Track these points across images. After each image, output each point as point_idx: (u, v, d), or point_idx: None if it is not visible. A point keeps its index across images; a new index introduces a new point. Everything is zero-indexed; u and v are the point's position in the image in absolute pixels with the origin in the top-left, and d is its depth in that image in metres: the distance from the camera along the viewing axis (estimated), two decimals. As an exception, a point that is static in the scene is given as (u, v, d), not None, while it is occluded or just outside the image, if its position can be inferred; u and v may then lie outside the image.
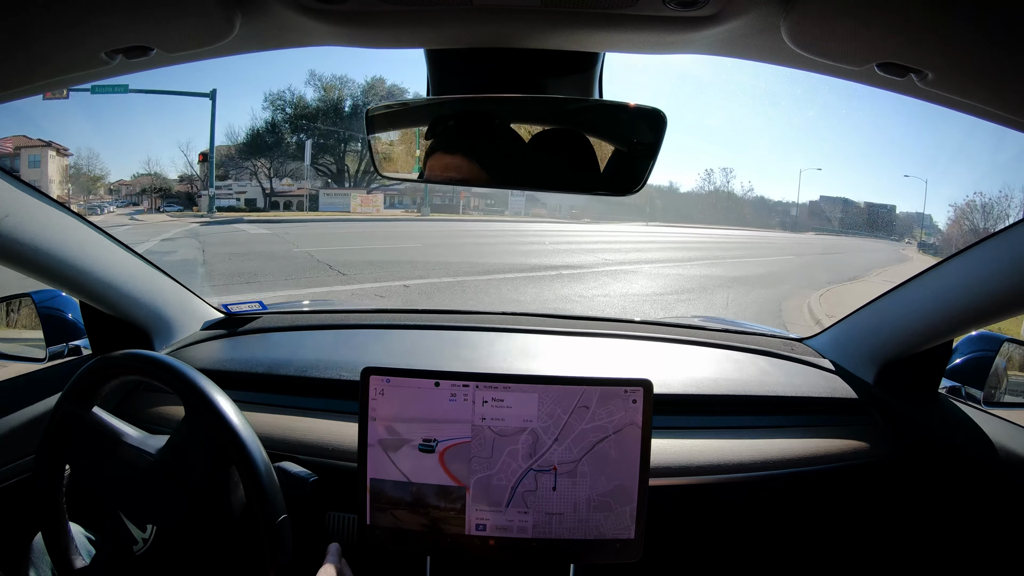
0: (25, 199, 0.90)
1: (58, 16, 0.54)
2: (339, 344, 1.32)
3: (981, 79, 0.57)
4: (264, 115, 24.83)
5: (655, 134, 0.76)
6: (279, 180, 23.93)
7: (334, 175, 25.12)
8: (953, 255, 0.97)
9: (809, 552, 1.10)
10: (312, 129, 24.26)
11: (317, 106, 24.69)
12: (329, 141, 24.94)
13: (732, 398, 1.12)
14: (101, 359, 0.85)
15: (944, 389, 1.16)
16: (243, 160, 23.84)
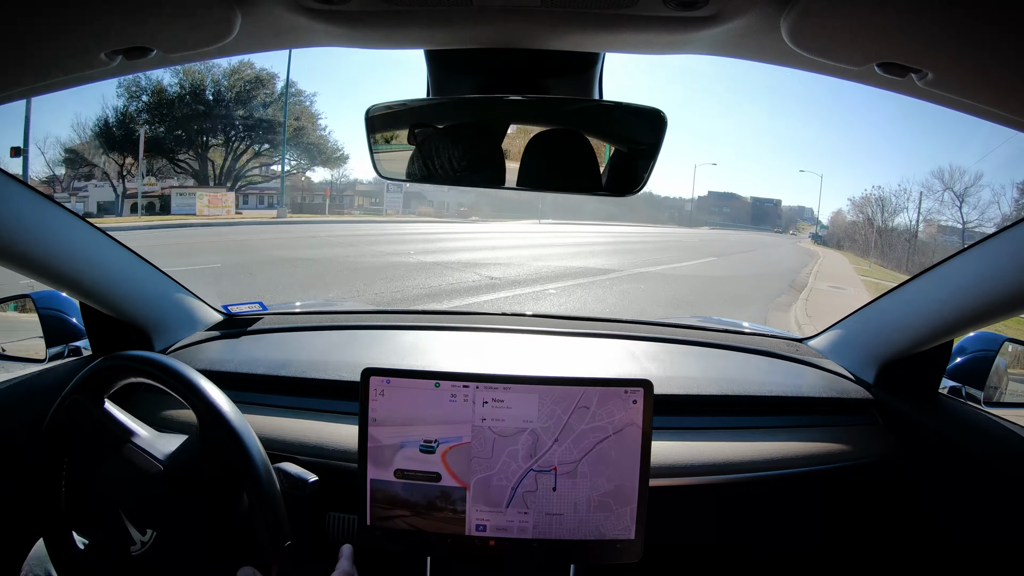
0: (25, 199, 0.90)
1: (58, 17, 0.54)
2: (339, 345, 1.32)
3: (981, 79, 0.57)
4: (118, 103, 19.53)
5: (655, 134, 0.76)
6: (150, 180, 19.51)
7: (195, 172, 20.86)
8: (953, 255, 0.97)
9: (809, 552, 1.10)
10: (169, 119, 19.80)
11: (177, 92, 19.97)
12: (190, 133, 20.31)
13: (732, 398, 1.12)
14: (118, 357, 0.83)
15: (944, 389, 1.16)
16: (97, 156, 19.15)
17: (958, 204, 28.96)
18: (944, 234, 30.37)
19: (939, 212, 30.09)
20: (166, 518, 0.79)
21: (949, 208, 30.49)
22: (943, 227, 30.12)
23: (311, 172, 24.85)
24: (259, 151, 22.23)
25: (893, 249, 30.75)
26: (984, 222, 28.78)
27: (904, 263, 27.79)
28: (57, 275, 1.03)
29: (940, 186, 28.85)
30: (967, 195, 28.38)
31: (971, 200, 28.50)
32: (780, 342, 1.37)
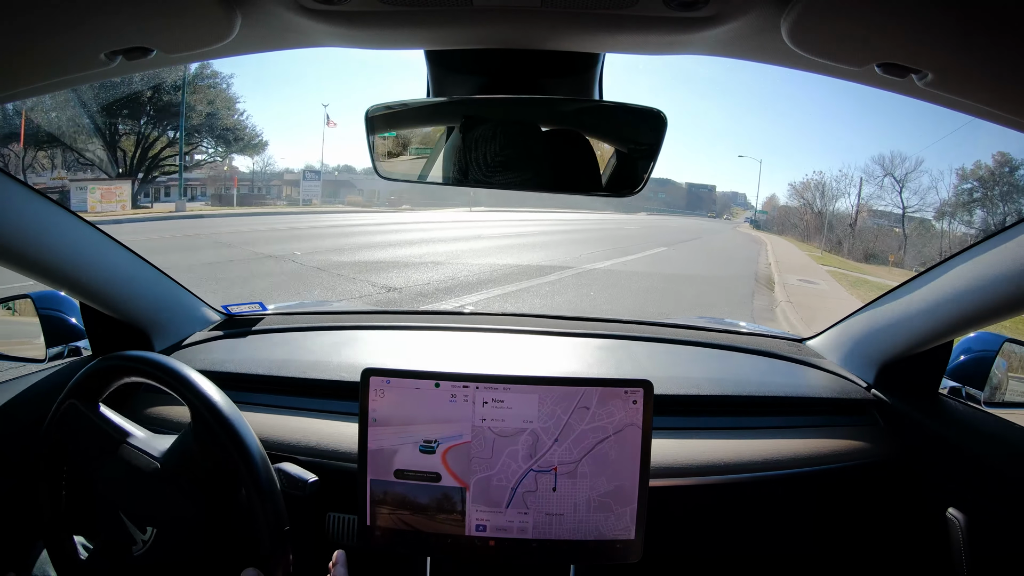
0: (25, 199, 0.90)
1: (58, 17, 0.54)
2: (339, 345, 1.32)
3: (981, 79, 0.57)
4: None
5: (655, 134, 0.76)
6: (60, 173, 17.16)
7: (105, 163, 18.34)
8: (953, 255, 0.97)
9: (809, 552, 1.10)
10: (70, 104, 16.78)
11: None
12: (95, 119, 17.63)
13: (732, 399, 1.12)
14: (113, 358, 0.84)
15: (944, 390, 1.16)
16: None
17: (898, 189, 29.52)
18: (878, 218, 30.77)
19: (879, 197, 30.52)
20: (165, 514, 0.79)
21: (889, 193, 31.09)
22: (884, 213, 30.44)
23: (237, 160, 22.70)
24: (173, 139, 19.91)
25: (834, 233, 30.88)
26: (924, 207, 29.59)
27: (846, 247, 28.23)
28: (57, 275, 1.03)
29: (881, 171, 29.45)
30: (908, 180, 29.09)
31: (911, 185, 29.24)
32: (780, 342, 1.37)
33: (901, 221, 29.50)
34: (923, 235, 29.30)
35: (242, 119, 21.70)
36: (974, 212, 27.73)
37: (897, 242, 29.49)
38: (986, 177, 27.42)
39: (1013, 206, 26.47)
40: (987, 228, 26.96)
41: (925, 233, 29.19)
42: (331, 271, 7.72)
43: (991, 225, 26.77)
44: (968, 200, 27.80)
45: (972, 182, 27.80)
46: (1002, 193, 27.06)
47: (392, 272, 7.80)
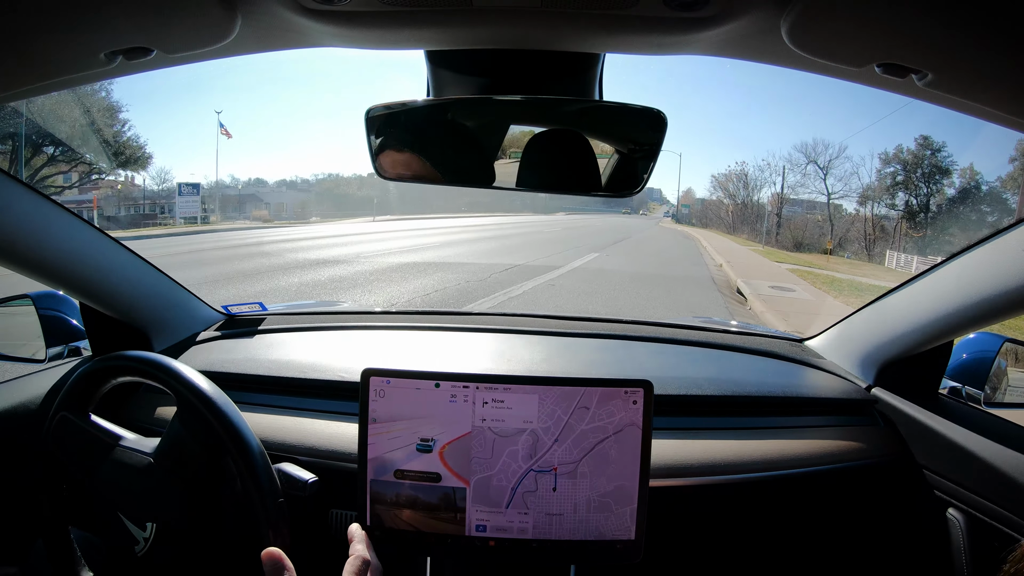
0: (25, 199, 0.90)
1: (58, 17, 0.54)
2: (339, 345, 1.32)
3: (981, 79, 0.57)
4: None
5: (655, 135, 0.76)
6: None
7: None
8: (953, 255, 0.97)
9: (809, 553, 1.10)
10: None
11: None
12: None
13: (732, 399, 1.12)
14: (94, 363, 0.86)
15: (944, 390, 1.16)
16: None
17: (823, 176, 30.69)
18: (794, 206, 31.44)
19: (803, 185, 31.76)
20: (161, 508, 0.80)
21: (813, 180, 33.13)
22: (807, 202, 31.29)
23: (140, 176, 20.19)
24: (55, 155, 17.64)
25: (762, 223, 31.03)
26: (849, 192, 30.71)
27: (775, 237, 28.10)
28: (57, 275, 1.03)
29: (804, 159, 30.65)
30: (831, 167, 30.32)
31: (835, 172, 30.81)
32: (780, 342, 1.37)
33: (827, 207, 30.18)
34: (849, 221, 30.15)
35: (123, 130, 19.58)
36: (896, 195, 28.86)
37: (824, 229, 30.18)
38: (908, 160, 28.73)
39: (935, 186, 28.72)
40: (911, 208, 28.23)
41: (848, 218, 30.10)
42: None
43: (915, 206, 28.03)
44: (891, 183, 29.08)
45: (894, 165, 29.12)
46: (924, 174, 28.34)
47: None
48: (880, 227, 29.24)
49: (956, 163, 28.55)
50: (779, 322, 7.06)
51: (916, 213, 28.41)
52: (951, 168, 28.11)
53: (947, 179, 28.23)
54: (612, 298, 7.51)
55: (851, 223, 30.14)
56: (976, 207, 27.51)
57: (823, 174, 30.31)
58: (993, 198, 27.57)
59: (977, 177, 27.80)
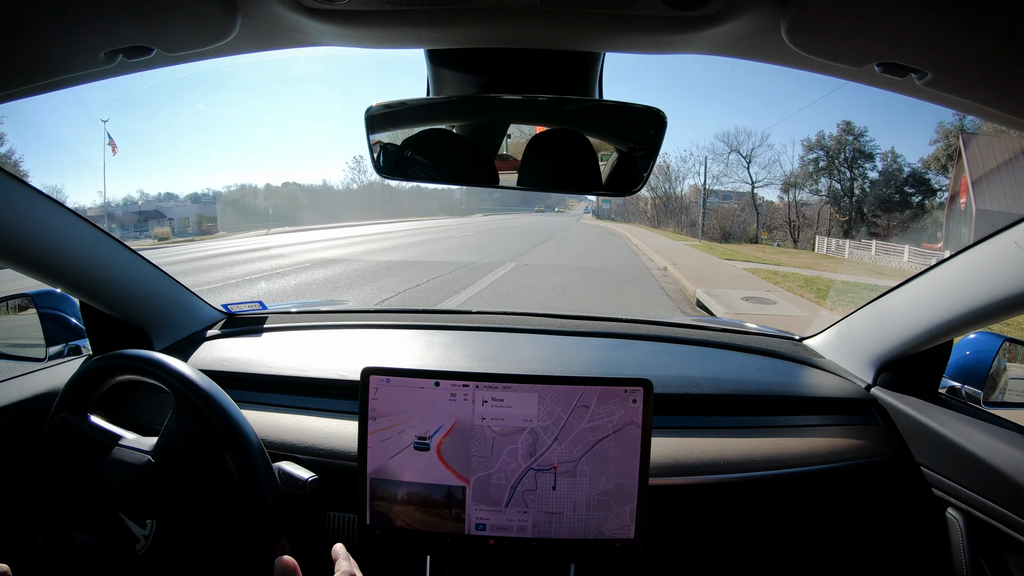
0: (25, 197, 0.90)
1: (58, 16, 0.54)
2: (339, 344, 1.32)
3: (981, 79, 0.57)
4: None
5: (655, 134, 0.76)
6: None
7: None
8: (953, 255, 0.97)
9: (808, 552, 1.10)
10: None
11: None
12: None
13: (732, 398, 1.12)
14: (90, 363, 0.86)
15: (944, 389, 1.16)
16: None
17: (746, 165, 30.14)
18: (717, 197, 30.76)
19: (726, 175, 31.22)
20: (161, 504, 0.80)
21: (736, 169, 32.72)
22: (732, 192, 30.65)
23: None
24: None
25: (687, 215, 30.79)
26: (773, 180, 30.52)
27: (702, 228, 28.15)
28: (58, 274, 1.03)
29: (726, 148, 30.27)
30: (755, 156, 30.07)
31: (759, 160, 30.42)
32: (780, 341, 1.37)
33: (751, 195, 29.91)
34: (773, 208, 29.61)
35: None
36: (819, 180, 29.11)
37: (748, 218, 29.86)
38: (831, 146, 28.65)
39: (858, 170, 28.60)
40: (834, 193, 27.97)
41: (772, 205, 29.56)
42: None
43: (839, 191, 27.86)
44: (815, 169, 28.92)
45: (817, 151, 28.91)
46: (847, 159, 28.12)
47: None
48: (802, 214, 29.17)
49: (878, 147, 28.78)
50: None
51: (840, 198, 28.88)
52: (873, 152, 28.43)
53: (869, 163, 28.61)
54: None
55: (775, 211, 30.05)
56: (900, 189, 27.73)
57: (746, 163, 30.50)
58: (916, 179, 27.85)
59: (899, 159, 28.26)
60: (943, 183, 26.99)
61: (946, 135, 26.50)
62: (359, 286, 8.19)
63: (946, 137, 26.53)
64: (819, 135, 29.29)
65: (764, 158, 32.04)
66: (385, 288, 7.87)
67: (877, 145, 28.82)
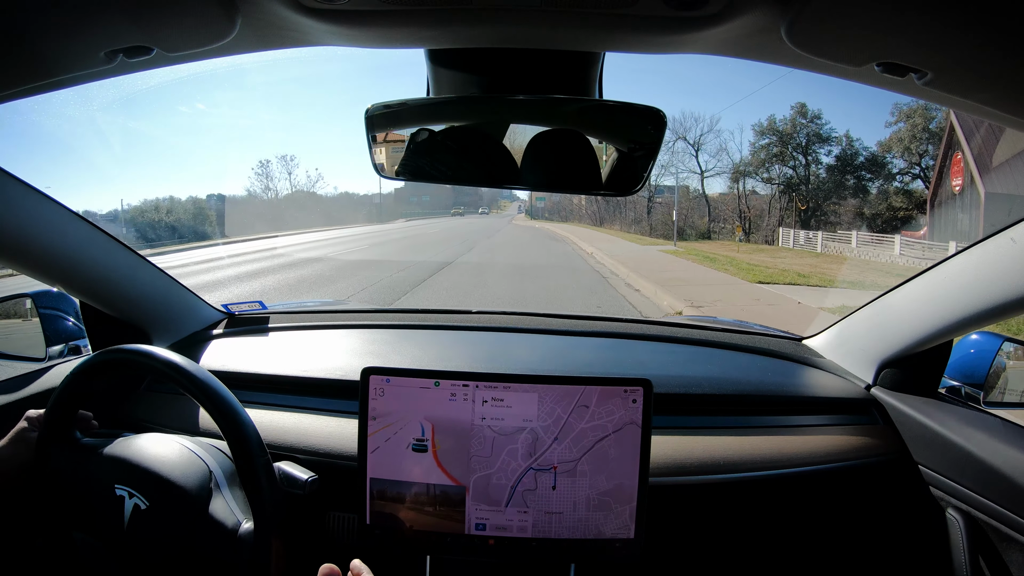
0: (25, 197, 0.90)
1: (58, 16, 0.54)
2: (339, 344, 1.32)
3: (981, 79, 0.57)
4: None
5: (655, 134, 0.76)
6: None
7: None
8: (953, 255, 0.97)
9: (808, 552, 1.10)
10: None
11: None
12: None
13: (732, 397, 1.12)
14: (93, 356, 0.86)
15: (944, 389, 1.16)
16: None
17: (694, 153, 27.53)
18: (662, 191, 28.06)
19: (672, 164, 28.15)
20: (153, 478, 0.81)
21: (682, 158, 28.66)
22: (665, 186, 27.87)
23: None
24: None
25: (634, 211, 27.77)
26: (724, 170, 28.08)
27: (647, 224, 26.02)
28: (57, 273, 1.03)
29: (672, 136, 26.87)
30: (703, 143, 27.42)
31: (707, 147, 27.72)
32: (780, 341, 1.37)
33: (701, 186, 27.43)
34: (722, 200, 27.13)
35: None
36: (772, 168, 26.84)
37: (697, 211, 27.56)
38: (785, 130, 26.46)
39: (812, 156, 26.48)
40: (789, 180, 25.69)
41: (723, 197, 27.12)
42: None
43: (795, 178, 25.71)
44: (767, 156, 26.52)
45: (769, 136, 26.62)
46: (800, 144, 26.36)
47: None
48: (749, 205, 27.33)
49: (835, 130, 26.91)
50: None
51: (796, 185, 26.74)
52: (830, 135, 26.66)
53: (824, 147, 26.76)
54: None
55: (724, 203, 27.98)
56: (856, 173, 26.31)
57: (694, 151, 27.66)
58: (874, 162, 26.42)
59: (856, 143, 26.61)
60: (901, 166, 25.44)
61: (908, 115, 25.17)
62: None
63: (908, 117, 25.22)
64: (770, 119, 27.25)
65: (713, 146, 29.25)
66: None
67: (833, 128, 27.02)
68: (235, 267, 11.66)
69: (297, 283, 9.25)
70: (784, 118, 27.05)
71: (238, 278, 9.83)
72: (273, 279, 9.68)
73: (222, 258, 14.69)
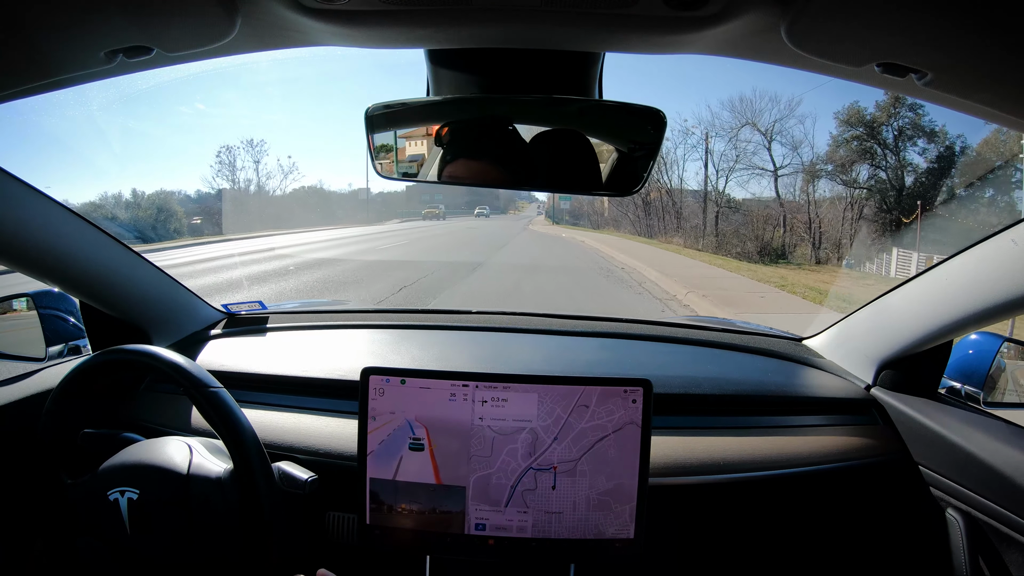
0: (25, 196, 0.90)
1: (58, 16, 0.54)
2: (339, 344, 1.32)
3: (981, 79, 0.57)
4: None
5: (655, 134, 0.76)
6: None
7: None
8: (953, 255, 0.97)
9: (808, 552, 1.10)
10: None
11: None
12: None
13: (732, 398, 1.12)
14: (91, 357, 0.86)
15: (944, 389, 1.16)
16: None
17: (766, 144, 18.00)
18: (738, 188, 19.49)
19: (729, 156, 18.37)
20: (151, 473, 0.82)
21: (748, 150, 18.36)
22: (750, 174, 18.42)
23: None
24: None
25: (698, 217, 18.23)
26: (797, 168, 17.90)
27: (713, 238, 17.29)
28: (57, 273, 1.03)
29: (734, 122, 18.13)
30: (778, 131, 17.81)
31: (782, 137, 17.74)
32: (780, 341, 1.37)
33: (774, 189, 17.98)
34: (793, 208, 17.36)
35: None
36: (855, 169, 17.32)
37: (772, 223, 17.22)
38: (878, 118, 17.28)
39: (904, 154, 16.84)
40: (880, 184, 16.63)
41: (790, 204, 17.33)
42: None
43: (892, 181, 16.47)
44: (853, 152, 17.45)
45: (856, 128, 17.54)
46: (894, 139, 17.12)
47: None
48: (818, 213, 17.24)
49: (935, 122, 16.45)
50: None
51: (886, 192, 16.82)
52: (934, 129, 16.28)
53: (922, 144, 16.55)
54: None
55: (796, 210, 17.78)
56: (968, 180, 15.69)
57: (766, 141, 17.99)
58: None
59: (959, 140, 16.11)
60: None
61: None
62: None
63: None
64: (854, 106, 17.18)
65: (789, 136, 18.90)
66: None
67: (934, 120, 16.43)
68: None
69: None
70: (879, 101, 16.93)
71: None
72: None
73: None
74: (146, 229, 17.08)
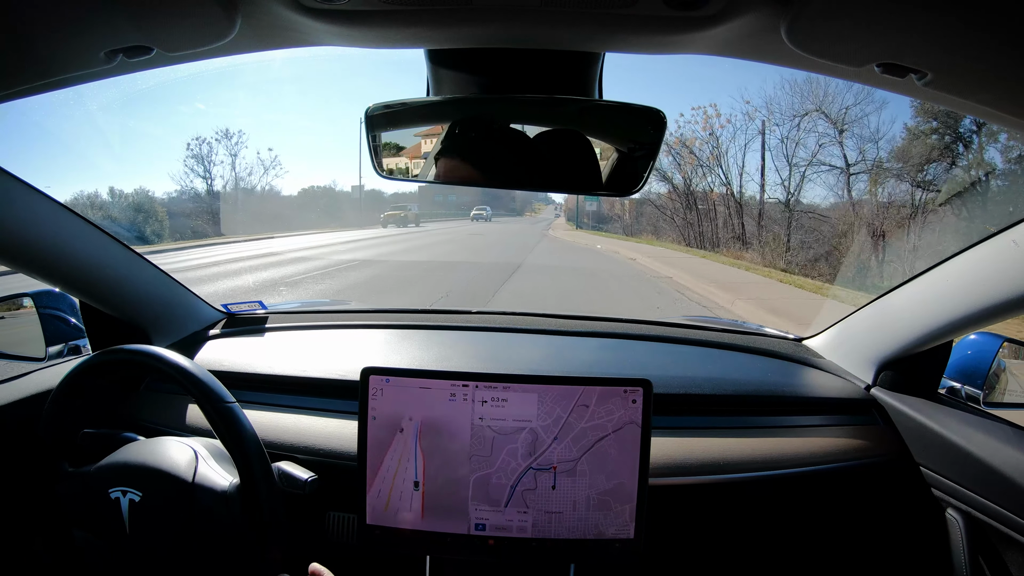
0: (25, 197, 0.90)
1: (58, 16, 0.54)
2: (339, 344, 1.32)
3: (981, 79, 0.57)
4: None
5: (655, 134, 0.76)
6: None
7: None
8: (953, 255, 0.97)
9: (808, 552, 1.10)
10: None
11: None
12: None
13: (732, 398, 1.12)
14: (92, 356, 0.86)
15: (944, 389, 1.16)
16: None
17: (836, 135, 13.76)
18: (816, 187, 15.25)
19: (782, 147, 14.16)
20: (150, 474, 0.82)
21: (812, 140, 14.15)
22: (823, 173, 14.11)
23: None
24: None
25: (775, 228, 14.01)
26: (868, 167, 13.45)
27: (785, 253, 13.35)
28: (57, 273, 1.03)
29: (799, 109, 14.04)
30: (850, 121, 13.72)
31: (854, 131, 13.58)
32: (779, 342, 1.37)
33: (847, 187, 13.94)
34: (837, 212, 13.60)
35: None
36: (929, 169, 12.73)
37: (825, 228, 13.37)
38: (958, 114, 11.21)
39: (973, 154, 12.46)
40: (960, 187, 11.81)
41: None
42: None
43: (966, 182, 11.96)
44: (929, 150, 12.83)
45: (932, 121, 12.99)
46: (969, 134, 12.53)
47: None
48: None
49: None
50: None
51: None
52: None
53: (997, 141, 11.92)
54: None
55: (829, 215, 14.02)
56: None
57: (837, 132, 14.00)
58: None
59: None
60: None
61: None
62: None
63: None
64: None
65: (862, 129, 14.09)
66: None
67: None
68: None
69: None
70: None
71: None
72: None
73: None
74: (131, 230, 16.29)
